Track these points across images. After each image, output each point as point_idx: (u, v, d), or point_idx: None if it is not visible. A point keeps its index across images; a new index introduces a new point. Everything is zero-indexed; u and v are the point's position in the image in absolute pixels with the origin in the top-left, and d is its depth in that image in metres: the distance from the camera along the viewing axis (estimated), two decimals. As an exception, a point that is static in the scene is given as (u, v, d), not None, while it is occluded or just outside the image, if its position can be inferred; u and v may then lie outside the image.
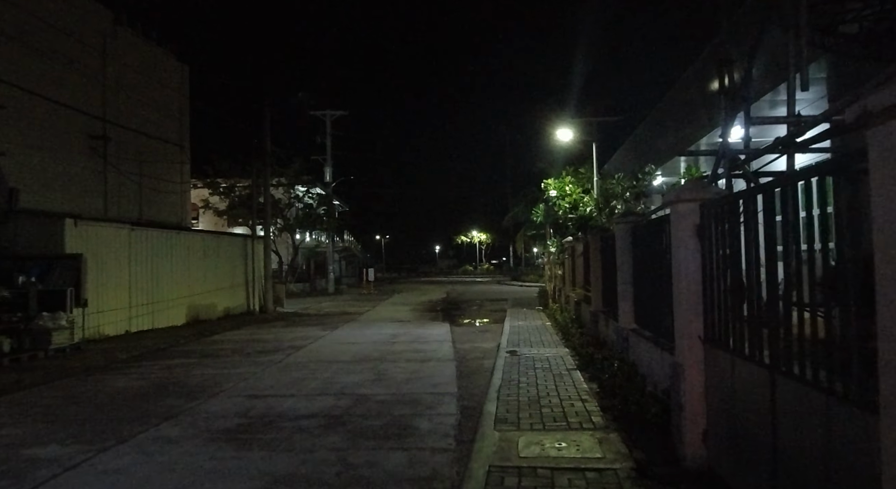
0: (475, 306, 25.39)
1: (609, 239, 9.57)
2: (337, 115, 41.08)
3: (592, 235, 10.62)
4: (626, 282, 7.62)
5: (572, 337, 11.36)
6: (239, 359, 11.99)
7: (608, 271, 9.75)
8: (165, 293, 18.23)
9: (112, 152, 21.91)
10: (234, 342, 14.87)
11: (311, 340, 14.66)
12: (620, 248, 7.72)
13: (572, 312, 14.25)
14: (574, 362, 9.43)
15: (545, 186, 18.90)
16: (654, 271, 6.52)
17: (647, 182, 11.68)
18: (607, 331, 9.49)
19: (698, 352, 4.74)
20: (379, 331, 16.49)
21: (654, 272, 6.54)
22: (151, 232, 17.93)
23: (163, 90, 25.35)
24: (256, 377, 9.77)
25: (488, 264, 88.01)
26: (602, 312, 10.23)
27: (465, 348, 12.73)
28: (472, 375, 9.43)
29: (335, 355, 12.07)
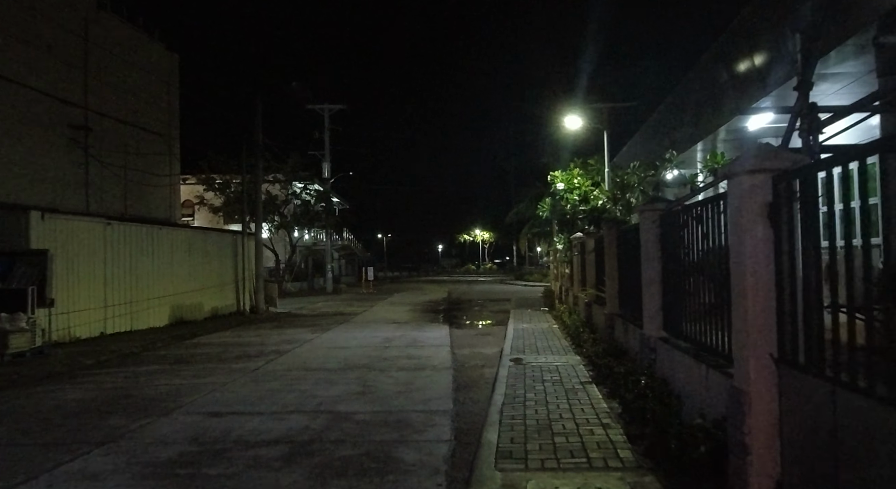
0: (477, 307, 24.19)
1: (629, 231, 8.36)
2: (335, 109, 39.91)
3: (608, 228, 9.42)
4: (653, 281, 6.41)
5: (584, 343, 10.15)
6: (213, 365, 10.82)
7: (627, 269, 8.54)
8: (146, 292, 17.07)
9: (94, 143, 20.76)
10: (215, 346, 13.70)
11: (297, 344, 13.48)
12: (646, 241, 6.51)
13: (582, 315, 13.03)
14: (588, 373, 8.22)
15: (551, 179, 17.67)
16: (692, 268, 5.31)
17: (667, 170, 10.47)
18: (626, 338, 8.27)
19: (770, 376, 3.53)
20: (373, 333, 15.31)
21: (692, 269, 5.33)
22: (130, 227, 16.76)
23: (150, 80, 24.19)
24: (226, 388, 8.58)
25: (491, 263, 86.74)
26: (619, 316, 9.01)
27: (465, 354, 11.53)
28: (471, 388, 8.23)
29: (320, 362, 10.88)
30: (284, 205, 36.90)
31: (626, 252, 8.53)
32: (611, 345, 8.86)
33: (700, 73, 12.71)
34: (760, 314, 3.56)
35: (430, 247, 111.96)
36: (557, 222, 20.68)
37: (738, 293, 3.75)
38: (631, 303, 8.20)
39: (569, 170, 17.21)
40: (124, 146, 22.10)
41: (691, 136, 13.14)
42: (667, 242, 6.18)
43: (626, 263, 8.61)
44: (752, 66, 10.37)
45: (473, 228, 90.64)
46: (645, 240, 6.60)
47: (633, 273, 7.93)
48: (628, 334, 8.11)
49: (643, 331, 6.74)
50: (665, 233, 6.24)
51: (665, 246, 6.25)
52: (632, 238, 8.05)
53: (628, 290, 8.41)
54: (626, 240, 8.54)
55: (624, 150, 20.37)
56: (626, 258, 8.57)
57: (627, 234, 8.46)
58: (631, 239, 8.13)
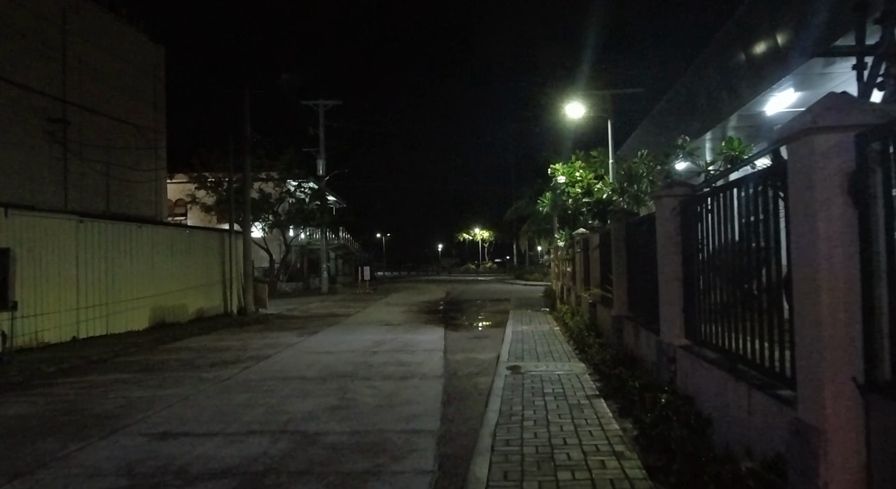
0: (475, 307, 23.24)
1: (640, 224, 7.41)
2: (330, 105, 38.92)
3: (615, 221, 8.47)
4: (672, 279, 5.46)
5: (589, 348, 9.20)
6: (182, 374, 9.87)
7: (638, 266, 7.59)
8: (124, 293, 16.12)
9: (74, 138, 19.80)
10: (191, 351, 12.76)
11: (279, 349, 12.54)
12: (664, 233, 5.56)
13: (586, 316, 12.08)
14: (595, 385, 7.26)
15: (552, 172, 16.71)
16: (726, 262, 4.36)
17: (679, 159, 9.53)
18: (638, 344, 7.32)
19: (853, 409, 2.58)
20: (362, 336, 14.37)
21: (725, 264, 4.38)
22: (106, 224, 15.81)
23: (135, 72, 23.23)
24: (187, 402, 7.64)
25: (491, 262, 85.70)
26: (628, 319, 8.05)
27: (458, 360, 10.59)
28: (463, 401, 7.28)
29: (300, 369, 9.94)
30: (278, 203, 35.95)
31: (637, 246, 7.58)
32: (620, 351, 7.90)
33: (714, 51, 11.74)
34: (840, 325, 2.61)
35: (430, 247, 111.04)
36: (558, 218, 19.74)
37: (804, 296, 2.80)
38: (643, 304, 7.25)
39: (570, 162, 16.27)
40: (106, 141, 21.15)
41: (705, 121, 12.18)
42: (690, 233, 5.22)
43: (636, 259, 7.66)
44: (783, 32, 9.38)
45: (473, 227, 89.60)
46: (662, 231, 5.65)
47: (646, 270, 6.98)
48: (640, 340, 7.15)
49: (660, 337, 5.79)
50: (687, 222, 5.29)
51: (687, 237, 5.30)
52: (644, 230, 7.11)
53: (640, 290, 7.46)
54: (637, 233, 7.59)
55: (628, 143, 19.41)
56: (637, 253, 7.63)
57: (638, 227, 7.51)
58: (643, 231, 7.18)
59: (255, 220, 35.54)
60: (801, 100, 10.23)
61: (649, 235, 6.63)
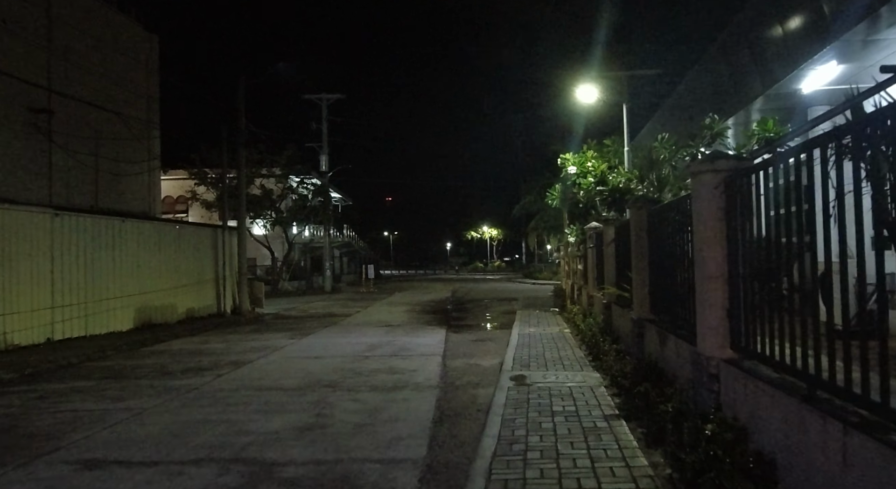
0: (481, 307, 22.15)
1: (667, 210, 6.29)
2: (333, 98, 37.94)
3: (636, 209, 7.36)
4: (715, 275, 4.35)
5: (605, 355, 8.09)
6: (149, 382, 8.86)
7: (664, 260, 6.48)
8: (105, 292, 15.14)
9: (60, 129, 18.87)
10: (170, 355, 11.76)
11: (264, 353, 11.52)
12: (703, 218, 4.45)
13: (599, 318, 10.96)
14: (613, 401, 6.16)
15: (562, 163, 15.58)
16: (792, 254, 3.26)
17: (706, 141, 8.41)
18: (665, 353, 6.20)
19: None
20: (357, 339, 13.33)
21: (791, 255, 3.28)
22: (85, 219, 14.84)
23: (126, 62, 22.28)
24: (139, 418, 6.60)
25: (500, 261, 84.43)
26: (651, 322, 6.93)
27: (458, 367, 9.51)
28: (457, 419, 6.20)
29: (280, 378, 8.89)
30: (280, 199, 34.98)
31: (663, 238, 6.47)
32: (642, 361, 6.79)
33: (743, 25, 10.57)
34: None
35: (438, 245, 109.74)
36: (568, 213, 18.61)
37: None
38: (671, 305, 6.14)
39: (581, 152, 15.14)
40: (95, 133, 20.20)
41: (730, 103, 11.03)
42: (740, 217, 4.11)
43: (661, 253, 6.54)
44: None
45: (481, 225, 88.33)
46: (700, 216, 4.53)
47: (675, 265, 5.88)
48: (668, 349, 6.03)
49: (697, 348, 4.67)
50: (736, 203, 4.18)
51: (735, 222, 4.19)
52: (672, 218, 5.99)
53: (666, 289, 6.34)
54: (663, 221, 6.47)
55: (642, 134, 18.26)
56: (663, 246, 6.51)
57: (664, 214, 6.39)
58: (670, 219, 6.07)
59: (257, 217, 34.62)
60: (845, 75, 9.08)
61: (680, 223, 5.53)
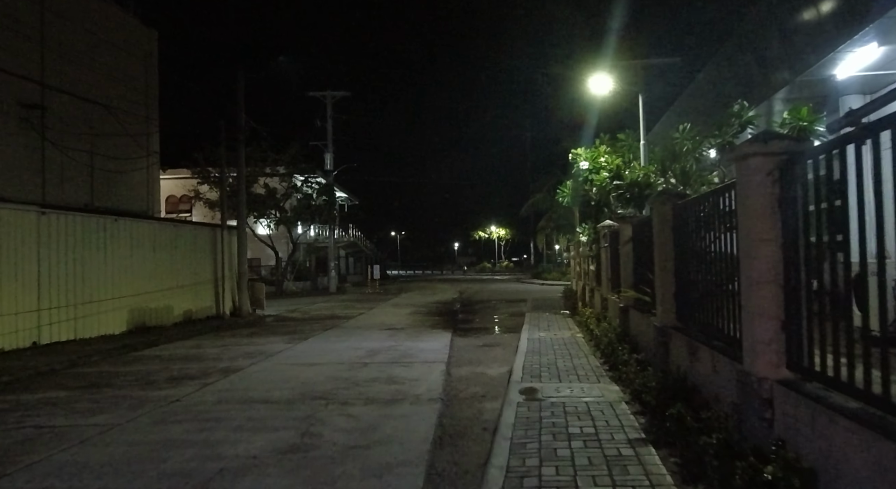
0: (488, 309, 21.40)
1: (699, 204, 5.52)
2: (338, 96, 37.29)
3: (659, 204, 6.60)
4: (768, 279, 3.61)
5: (624, 366, 7.32)
6: (128, 393, 8.18)
7: (693, 260, 5.72)
8: (96, 293, 14.52)
9: (54, 125, 18.28)
10: (159, 360, 11.10)
11: (258, 359, 10.83)
12: (752, 210, 3.71)
13: (615, 323, 10.19)
14: (637, 421, 5.40)
15: (573, 158, 14.81)
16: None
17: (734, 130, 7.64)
18: (696, 368, 5.43)
19: None
20: (357, 343, 12.63)
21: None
22: (75, 217, 14.20)
23: (124, 57, 21.68)
24: (105, 437, 5.92)
25: (508, 261, 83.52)
26: (678, 331, 6.17)
27: (463, 376, 8.79)
28: (461, 441, 5.47)
29: (269, 388, 8.19)
30: (285, 199, 34.35)
31: (693, 235, 5.71)
32: (668, 374, 6.03)
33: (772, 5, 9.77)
34: None
35: (447, 245, 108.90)
36: (580, 211, 17.84)
37: None
38: (703, 313, 5.38)
39: (594, 146, 14.36)
40: (91, 129, 19.61)
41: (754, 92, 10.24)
42: (799, 208, 3.36)
43: (691, 252, 5.78)
44: None
45: (489, 225, 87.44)
46: (748, 208, 3.78)
47: (710, 267, 5.12)
48: (701, 362, 5.27)
49: (743, 366, 3.92)
50: (795, 191, 3.43)
51: (794, 215, 3.44)
52: (705, 213, 5.23)
53: (697, 294, 5.58)
54: (692, 216, 5.71)
55: (656, 130, 17.45)
56: (692, 244, 5.75)
57: (695, 209, 5.63)
58: (703, 214, 5.31)
59: (261, 216, 34.01)
60: (886, 58, 8.28)
61: (716, 218, 4.77)
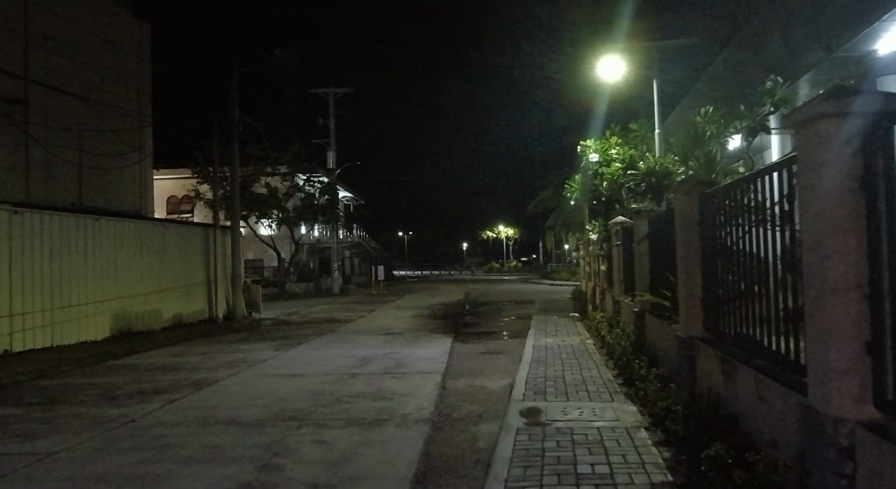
0: (493, 312, 20.44)
1: (734, 191, 4.54)
2: (341, 92, 36.42)
3: (683, 194, 5.62)
4: (845, 286, 2.67)
5: (641, 382, 6.35)
6: (85, 410, 7.32)
7: (725, 261, 4.75)
8: (76, 297, 13.70)
9: (38, 121, 17.49)
10: (132, 371, 10.24)
11: (239, 369, 9.95)
12: (823, 193, 2.75)
13: (630, 329, 9.21)
14: (661, 455, 4.44)
15: (581, 151, 13.83)
16: None
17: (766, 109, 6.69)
18: (734, 391, 4.45)
19: None
20: (350, 350, 11.74)
21: None
22: (52, 216, 13.38)
23: (114, 50, 20.86)
24: (30, 470, 5.04)
25: (516, 261, 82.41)
26: (708, 343, 5.19)
27: (459, 390, 7.86)
28: (444, 481, 4.54)
29: (240, 405, 7.30)
30: (287, 198, 33.52)
31: (726, 229, 4.74)
32: (695, 394, 5.06)
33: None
34: None
35: (455, 245, 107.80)
36: (589, 208, 16.83)
37: None
38: (742, 323, 4.41)
39: (605, 138, 13.38)
40: (78, 126, 18.82)
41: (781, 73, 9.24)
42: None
43: (724, 250, 4.82)
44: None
45: (497, 224, 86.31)
46: (816, 189, 2.83)
47: (751, 267, 4.16)
48: (740, 386, 4.30)
49: (808, 400, 2.96)
50: (889, 166, 2.47)
51: (885, 200, 2.48)
52: (744, 201, 4.26)
53: (735, 299, 4.61)
54: (727, 207, 4.74)
55: (671, 120, 16.45)
56: (724, 241, 4.79)
57: (730, 196, 4.65)
58: (742, 203, 4.34)
59: (262, 216, 33.20)
60: None
61: (759, 207, 3.81)
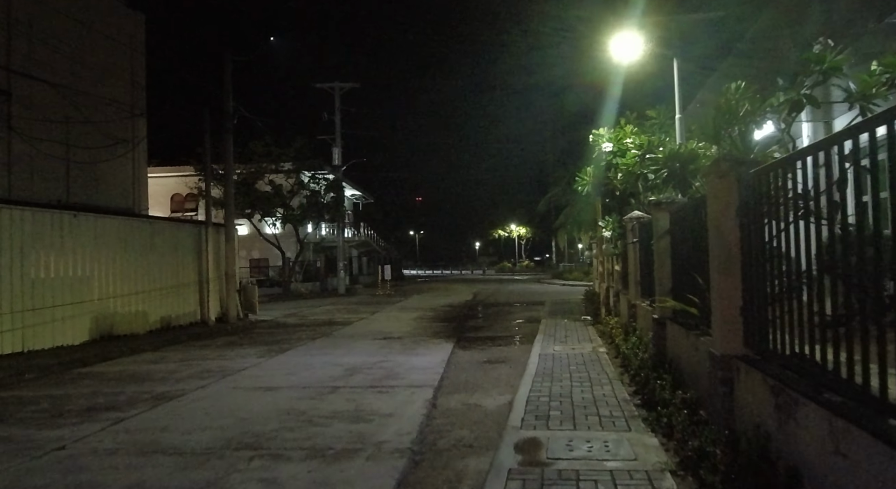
0: (501, 314, 19.31)
1: (793, 165, 3.40)
2: (347, 87, 35.43)
3: (717, 177, 4.48)
4: None
5: (665, 407, 5.23)
6: (17, 431, 6.35)
7: (775, 260, 3.62)
8: (51, 298, 12.79)
9: (22, 113, 16.65)
10: (94, 381, 9.27)
11: (211, 380, 8.94)
12: None
13: (648, 338, 8.07)
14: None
15: (594, 140, 12.70)
16: None
17: (815, 78, 5.56)
18: (794, 433, 3.32)
19: None
20: (340, 358, 10.72)
21: None
22: (22, 212, 12.48)
23: (106, 41, 19.98)
24: None
25: (528, 261, 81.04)
26: (752, 365, 4.07)
27: (451, 409, 6.78)
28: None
29: (194, 427, 6.26)
30: (291, 196, 32.60)
31: (779, 218, 3.61)
32: (734, 431, 3.93)
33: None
34: None
35: (467, 245, 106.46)
36: (602, 204, 15.68)
37: None
38: (801, 340, 3.28)
39: (619, 127, 12.23)
40: (66, 119, 17.96)
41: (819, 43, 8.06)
42: None
43: (773, 246, 3.69)
44: None
45: (509, 223, 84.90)
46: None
47: (820, 268, 3.02)
48: (805, 430, 3.17)
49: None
50: None
51: None
52: (813, 178, 3.13)
53: (790, 309, 3.48)
54: (782, 190, 3.61)
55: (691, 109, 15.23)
56: (776, 234, 3.66)
57: (790, 171, 3.52)
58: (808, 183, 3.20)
59: (266, 214, 32.31)
60: None
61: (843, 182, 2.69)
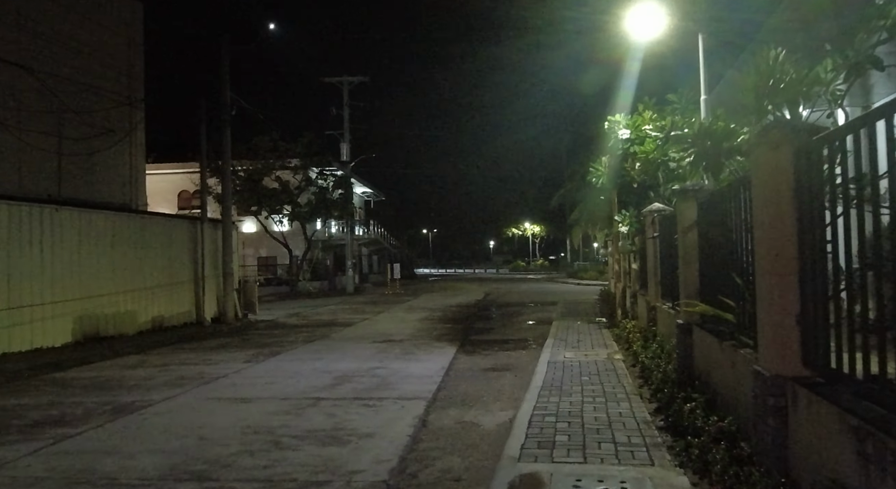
0: (511, 315, 18.34)
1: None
2: (355, 81, 34.61)
3: (769, 151, 3.53)
4: None
5: (698, 437, 4.28)
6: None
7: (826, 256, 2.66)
8: (30, 297, 12.05)
9: (7, 104, 15.96)
10: (60, 388, 8.47)
11: (184, 389, 8.09)
12: None
13: (671, 346, 7.09)
14: None
15: (609, 127, 11.70)
16: None
17: (879, 37, 4.59)
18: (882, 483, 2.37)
19: None
20: (331, 364, 9.86)
21: None
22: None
23: (101, 31, 19.30)
24: None
25: (543, 259, 79.83)
26: (815, 391, 3.12)
27: (442, 428, 5.86)
28: None
29: (144, 449, 5.40)
30: (299, 192, 31.81)
31: (851, 201, 2.66)
32: (790, 478, 2.97)
33: None
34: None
35: (481, 243, 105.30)
36: (618, 197, 14.65)
37: None
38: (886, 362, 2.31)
39: (637, 113, 11.20)
40: (59, 111, 17.26)
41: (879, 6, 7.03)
42: None
43: (846, 239, 2.73)
44: None
45: (523, 221, 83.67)
46: None
47: None
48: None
49: None
50: None
51: None
52: None
53: (879, 321, 2.51)
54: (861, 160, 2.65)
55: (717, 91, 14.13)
56: (855, 221, 2.70)
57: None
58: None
59: (273, 211, 31.59)
60: None
61: None
